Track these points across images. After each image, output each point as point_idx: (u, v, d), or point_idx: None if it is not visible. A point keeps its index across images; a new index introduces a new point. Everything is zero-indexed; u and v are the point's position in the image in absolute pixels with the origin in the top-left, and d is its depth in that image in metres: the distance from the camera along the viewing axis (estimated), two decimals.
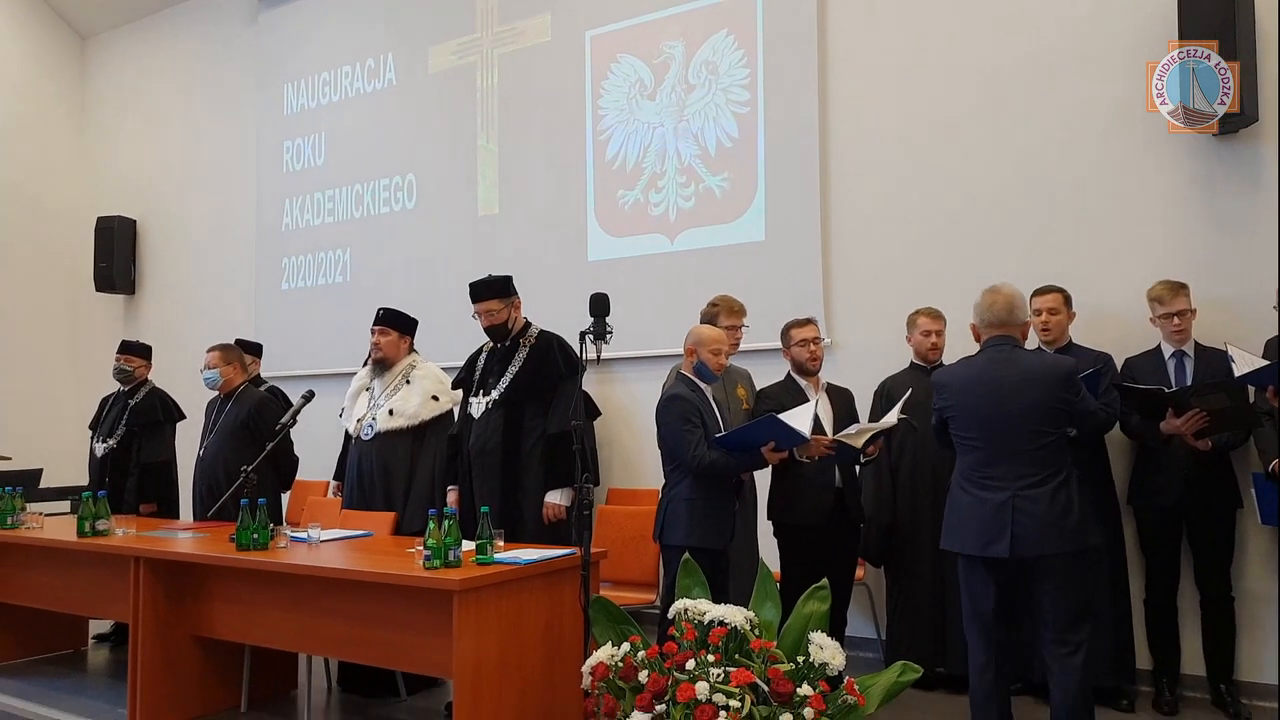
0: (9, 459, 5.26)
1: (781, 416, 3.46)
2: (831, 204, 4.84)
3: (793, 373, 3.97)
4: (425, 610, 3.07)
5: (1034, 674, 3.74)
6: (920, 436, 3.97)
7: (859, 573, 4.21)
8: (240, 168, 7.37)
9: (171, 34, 7.96)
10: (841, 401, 3.97)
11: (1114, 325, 4.12)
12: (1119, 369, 3.91)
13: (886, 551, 4.15)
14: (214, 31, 7.66)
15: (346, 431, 4.66)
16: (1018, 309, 3.18)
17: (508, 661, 3.03)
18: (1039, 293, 3.97)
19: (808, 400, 3.80)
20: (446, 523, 3.07)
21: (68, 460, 6.88)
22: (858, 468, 3.96)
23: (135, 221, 7.96)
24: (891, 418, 3.58)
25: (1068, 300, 4.01)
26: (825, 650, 2.71)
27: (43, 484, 6.43)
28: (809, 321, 3.95)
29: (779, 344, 4.07)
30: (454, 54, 6.18)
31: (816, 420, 3.69)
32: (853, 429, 3.60)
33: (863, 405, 4.11)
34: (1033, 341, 3.80)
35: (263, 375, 5.82)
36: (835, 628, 3.42)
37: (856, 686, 2.68)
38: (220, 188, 7.53)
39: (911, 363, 4.23)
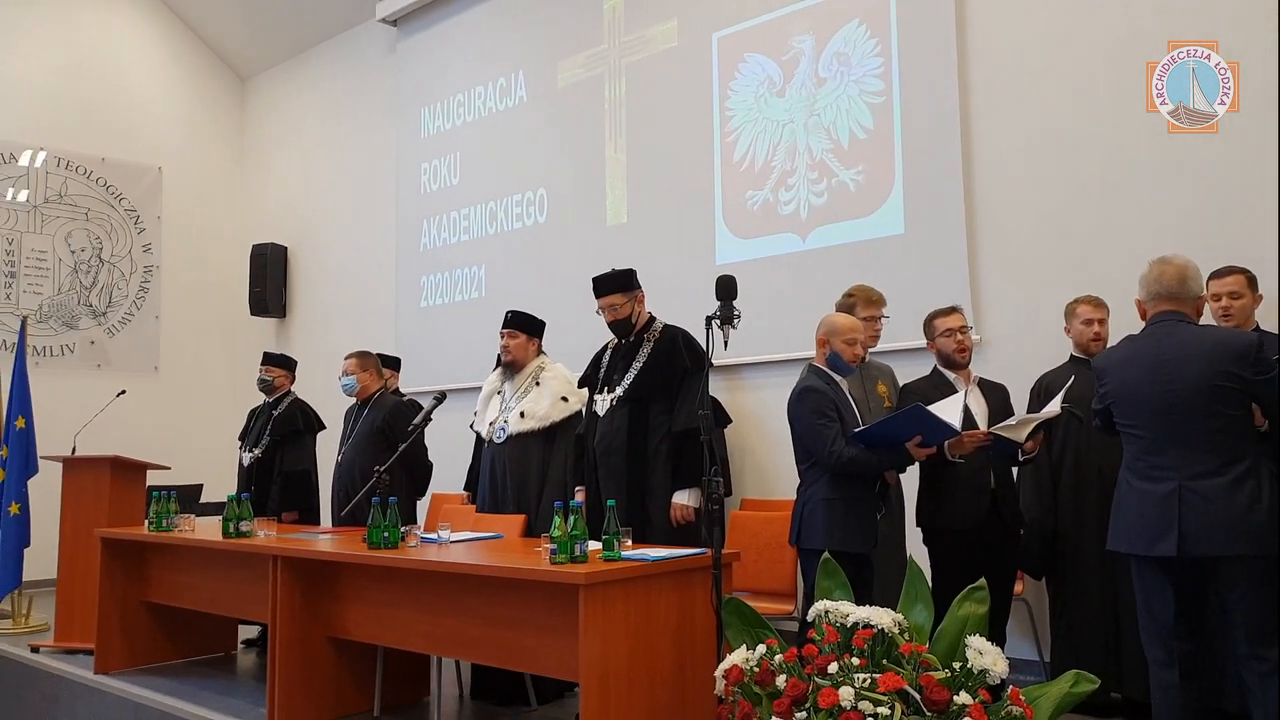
0: (168, 468, 5.52)
1: (931, 408, 3.21)
2: (976, 191, 4.54)
3: (939, 366, 3.70)
4: (552, 608, 2.97)
5: (1227, 701, 3.30)
6: (1084, 433, 3.62)
7: (1017, 586, 3.86)
8: (381, 192, 7.64)
9: (319, 70, 8.38)
10: (995, 396, 3.66)
11: None
12: None
13: (1049, 561, 3.78)
14: (357, 64, 8.01)
15: (476, 440, 4.66)
16: (1190, 281, 2.83)
17: (637, 664, 2.89)
18: (1218, 275, 3.55)
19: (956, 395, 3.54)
20: (573, 517, 2.96)
21: (225, 479, 7.20)
22: (1015, 468, 3.64)
23: (286, 248, 8.36)
24: (1054, 407, 3.27)
25: (1252, 282, 3.57)
26: (985, 656, 2.44)
27: (202, 499, 6.75)
28: (954, 310, 3.68)
29: (923, 341, 3.82)
30: (582, 66, 6.21)
31: (968, 414, 3.42)
32: (1012, 420, 3.31)
33: (1018, 405, 3.79)
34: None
35: (402, 390, 5.93)
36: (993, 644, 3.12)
37: (1023, 697, 2.40)
38: (363, 212, 7.82)
39: (1071, 356, 3.88)
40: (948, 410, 3.24)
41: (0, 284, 7.73)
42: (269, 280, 8.21)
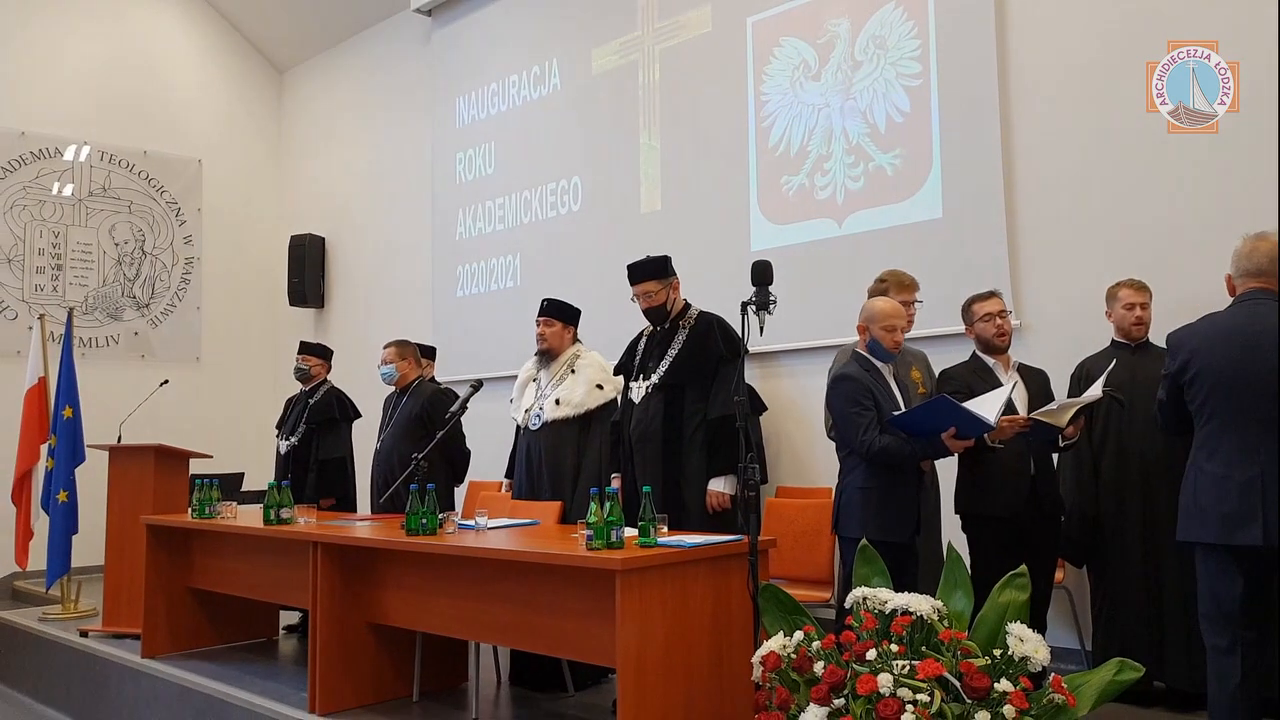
0: (210, 457, 5.61)
1: (972, 402, 3.16)
2: (1015, 174, 4.47)
3: (979, 351, 3.65)
4: (589, 594, 2.97)
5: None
6: (1126, 418, 3.56)
7: (1057, 574, 3.81)
8: (417, 182, 7.68)
9: (355, 61, 8.44)
10: (1036, 382, 3.62)
11: None
12: None
13: (1090, 548, 3.72)
14: (392, 55, 8.05)
15: (517, 427, 4.69)
16: None
17: (673, 649, 2.89)
18: None
19: (996, 380, 3.50)
20: (609, 503, 2.96)
21: (265, 467, 7.31)
22: (1055, 454, 3.59)
23: (324, 239, 8.44)
24: (1095, 390, 3.21)
25: None
26: (1026, 643, 2.41)
27: (243, 488, 6.86)
28: (993, 294, 3.64)
29: (962, 327, 3.77)
30: (616, 53, 6.19)
31: (1010, 404, 3.36)
32: (1053, 405, 3.26)
33: (1059, 390, 3.73)
34: None
35: (438, 378, 5.97)
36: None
37: (1065, 684, 2.37)
38: (400, 202, 7.87)
39: (1112, 340, 3.81)
40: (989, 405, 3.17)
41: (47, 276, 7.89)
42: (307, 271, 8.31)
